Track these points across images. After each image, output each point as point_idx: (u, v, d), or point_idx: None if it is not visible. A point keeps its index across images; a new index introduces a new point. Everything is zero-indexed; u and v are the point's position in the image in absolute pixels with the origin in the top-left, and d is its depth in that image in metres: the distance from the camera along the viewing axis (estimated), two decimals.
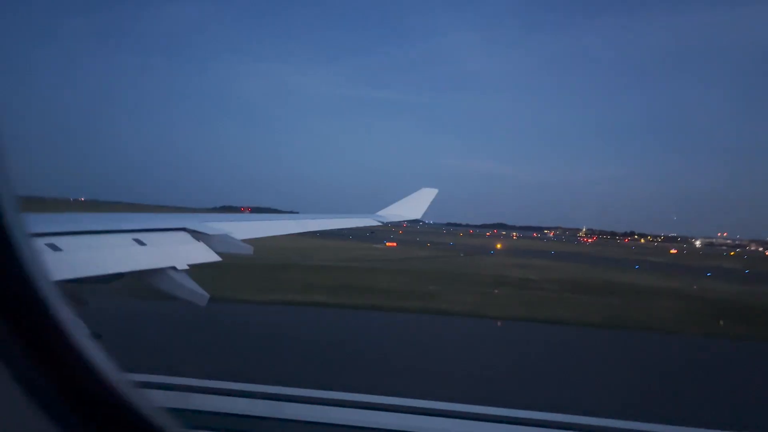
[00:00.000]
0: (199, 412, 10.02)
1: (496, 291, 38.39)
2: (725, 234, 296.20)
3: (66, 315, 1.14)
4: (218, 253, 6.50)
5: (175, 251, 6.06)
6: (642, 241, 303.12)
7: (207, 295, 5.99)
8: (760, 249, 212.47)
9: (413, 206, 13.93)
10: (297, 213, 10.99)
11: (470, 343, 23.11)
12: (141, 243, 5.80)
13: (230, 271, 33.10)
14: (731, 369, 21.53)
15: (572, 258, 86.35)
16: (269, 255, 42.33)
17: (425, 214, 14.24)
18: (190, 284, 5.87)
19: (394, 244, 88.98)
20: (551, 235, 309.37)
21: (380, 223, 12.20)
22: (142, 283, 5.78)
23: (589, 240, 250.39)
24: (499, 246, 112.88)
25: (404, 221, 13.65)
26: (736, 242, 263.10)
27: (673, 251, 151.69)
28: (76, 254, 5.00)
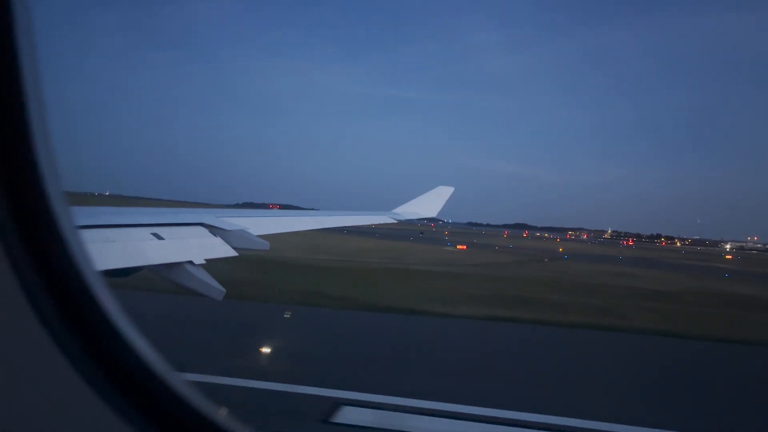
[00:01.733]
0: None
1: (656, 305, 33.89)
2: (755, 238, 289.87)
3: (112, 306, 1.18)
4: (235, 249, 6.54)
5: (193, 246, 6.11)
6: (677, 244, 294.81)
7: (223, 290, 6.02)
8: None
9: (429, 204, 13.89)
10: (317, 210, 11.02)
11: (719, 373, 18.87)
12: (159, 237, 5.86)
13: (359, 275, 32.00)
14: None
15: (649, 264, 79.06)
16: (355, 257, 41.38)
17: (441, 212, 14.20)
18: (207, 278, 5.91)
19: (464, 246, 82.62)
20: (584, 237, 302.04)
21: (396, 221, 12.20)
22: (160, 277, 5.83)
23: (629, 243, 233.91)
24: (561, 249, 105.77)
25: (422, 219, 13.63)
26: None
27: (728, 256, 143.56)
28: (95, 247, 5.06)
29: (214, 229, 6.59)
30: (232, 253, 6.47)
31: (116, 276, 5.69)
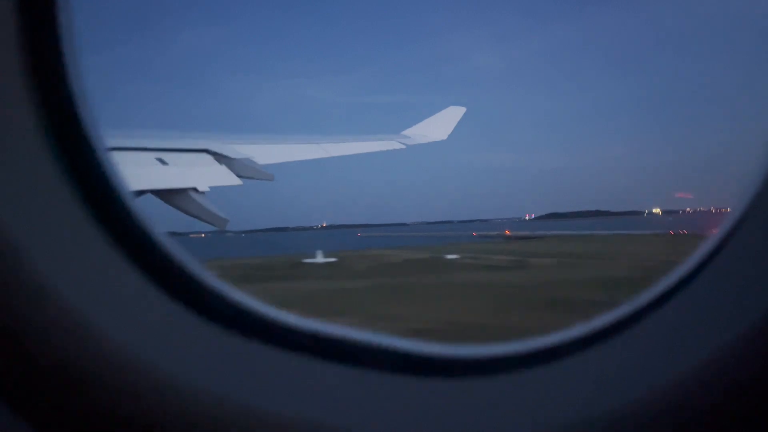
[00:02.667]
0: None
1: None
2: None
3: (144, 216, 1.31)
4: (240, 177, 6.52)
5: (197, 173, 6.09)
6: None
7: (227, 218, 6.06)
8: None
9: (440, 125, 13.07)
10: (322, 135, 10.56)
11: None
12: (163, 162, 5.83)
13: None
14: None
15: None
16: None
17: (451, 135, 13.35)
18: (211, 207, 5.94)
19: None
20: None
21: (404, 145, 11.61)
22: (164, 202, 5.86)
23: None
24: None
25: (431, 142, 12.80)
26: None
27: None
28: None
29: (219, 157, 6.53)
30: (237, 181, 6.45)
31: None
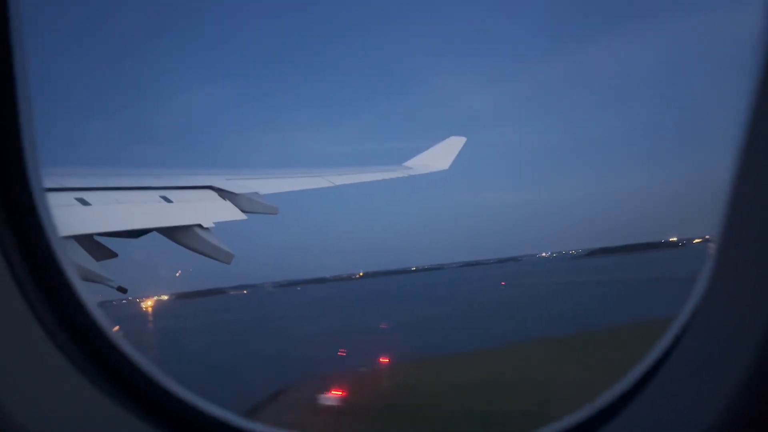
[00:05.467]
0: None
1: None
2: None
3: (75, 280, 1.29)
4: (244, 212, 6.53)
5: (202, 209, 6.10)
6: None
7: (233, 253, 6.03)
8: None
9: (441, 156, 13.13)
10: (327, 167, 10.55)
11: None
12: (168, 200, 5.86)
13: None
14: None
15: None
16: None
17: (453, 164, 13.30)
18: (216, 242, 5.92)
19: None
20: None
21: (407, 176, 11.64)
22: (170, 239, 5.85)
23: None
24: None
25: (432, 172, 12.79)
26: None
27: None
28: (104, 209, 5.09)
29: (223, 193, 6.56)
30: (242, 216, 6.46)
31: (126, 237, 5.74)
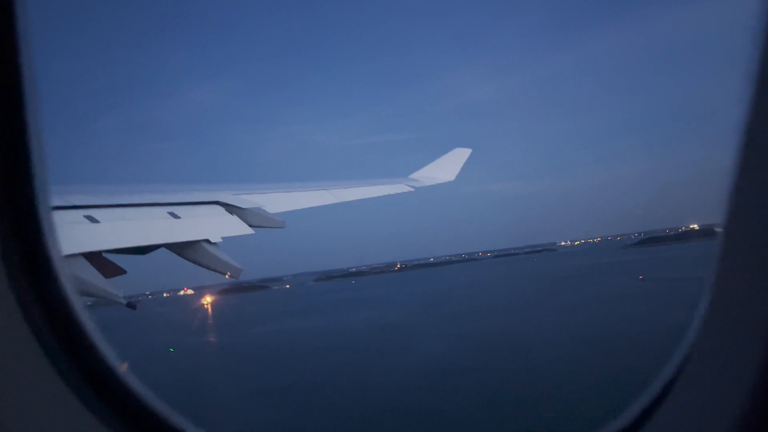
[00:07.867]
0: None
1: None
2: None
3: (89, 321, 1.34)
4: (251, 226, 6.55)
5: (209, 224, 6.13)
6: None
7: (241, 268, 6.04)
8: None
9: (447, 168, 13.15)
10: (332, 181, 10.58)
11: None
12: (175, 216, 5.89)
13: None
14: None
15: None
16: None
17: (458, 176, 13.35)
18: (225, 257, 5.94)
19: None
20: None
21: (413, 188, 11.65)
22: (178, 255, 5.87)
23: None
24: None
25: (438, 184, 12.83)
26: None
27: None
28: (113, 226, 5.12)
29: (230, 208, 6.60)
30: (249, 231, 6.48)
31: (134, 254, 5.76)
